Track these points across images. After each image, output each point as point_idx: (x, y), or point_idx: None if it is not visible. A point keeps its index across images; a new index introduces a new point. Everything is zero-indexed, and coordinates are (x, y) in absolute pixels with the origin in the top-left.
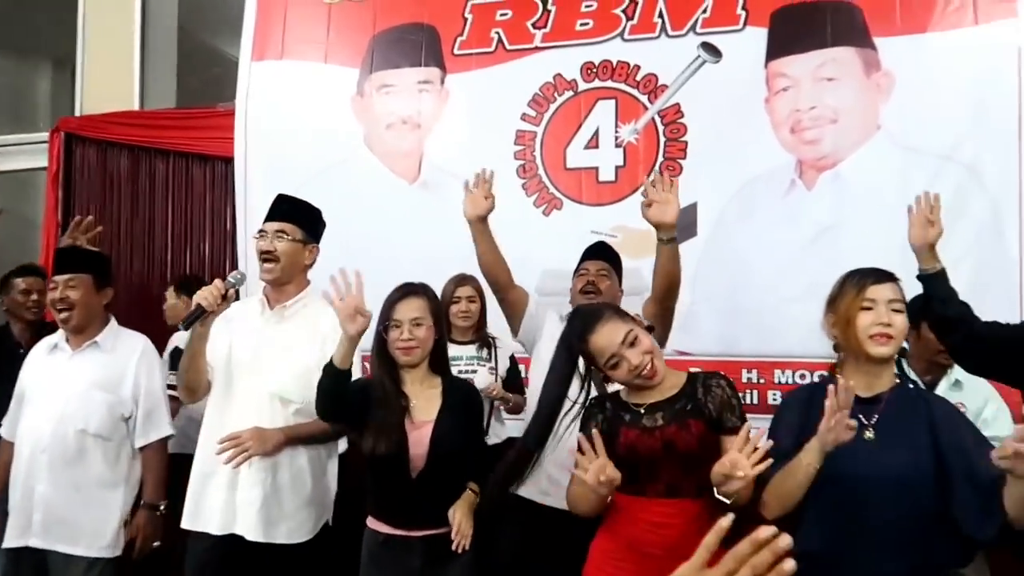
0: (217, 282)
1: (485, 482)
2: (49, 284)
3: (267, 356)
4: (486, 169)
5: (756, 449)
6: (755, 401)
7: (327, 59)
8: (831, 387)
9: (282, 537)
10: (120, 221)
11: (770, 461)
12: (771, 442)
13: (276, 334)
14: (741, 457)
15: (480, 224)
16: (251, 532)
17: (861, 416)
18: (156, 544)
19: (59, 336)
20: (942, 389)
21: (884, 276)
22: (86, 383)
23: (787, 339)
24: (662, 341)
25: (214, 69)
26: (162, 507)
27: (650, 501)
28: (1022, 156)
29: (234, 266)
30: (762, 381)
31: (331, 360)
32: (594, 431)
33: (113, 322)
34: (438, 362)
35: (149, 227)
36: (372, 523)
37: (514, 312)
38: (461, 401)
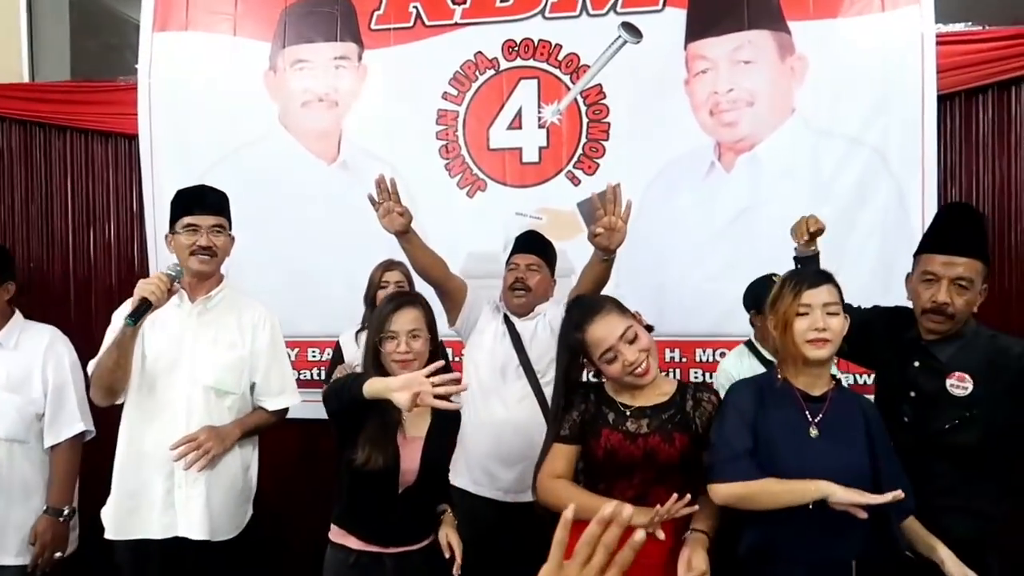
0: (160, 274)
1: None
2: None
3: (195, 350)
4: (384, 176)
5: None
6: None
7: (236, 31)
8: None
9: (222, 534)
10: (14, 203)
11: None
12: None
13: (201, 327)
14: None
15: (403, 235)
16: (196, 531)
17: (808, 413)
18: (58, 555)
19: None
20: None
21: (820, 279)
22: None
23: (707, 318)
24: None
25: (112, 39)
26: (66, 512)
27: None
28: (924, 139)
29: (143, 249)
30: (684, 360)
31: (361, 385)
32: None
33: (17, 316)
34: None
35: (47, 209)
36: (339, 537)
37: (454, 303)
38: (446, 419)
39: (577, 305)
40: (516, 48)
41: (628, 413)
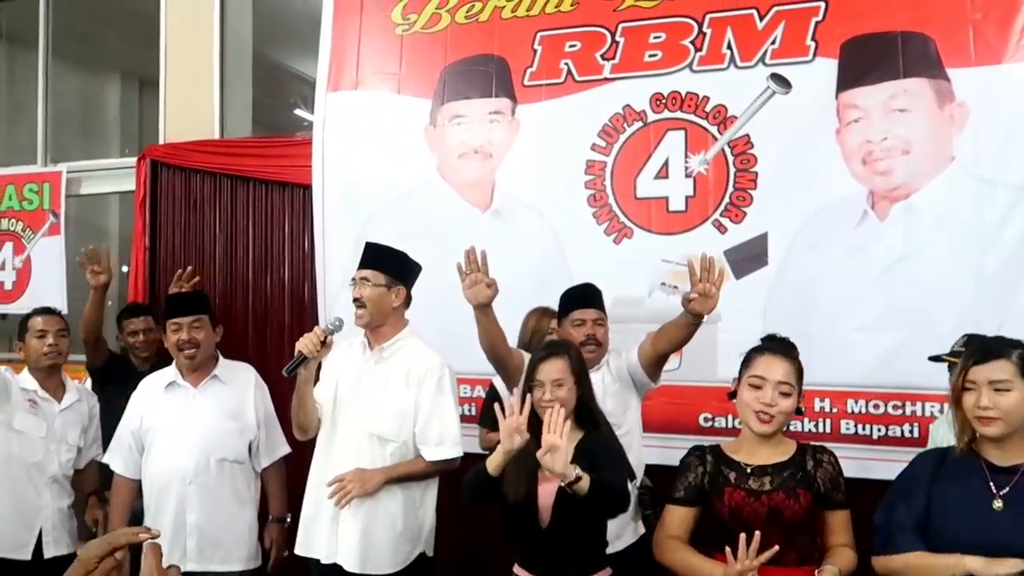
0: (317, 329)
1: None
2: (171, 326)
3: (367, 396)
4: (475, 247)
5: None
6: (828, 430)
7: (400, 90)
8: None
9: (376, 568)
10: (204, 245)
11: None
12: None
13: (375, 375)
14: None
15: (484, 310)
16: (349, 563)
17: (992, 484)
18: (286, 553)
19: (172, 374)
20: None
21: (989, 355)
22: (217, 414)
23: (859, 368)
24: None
25: (290, 98)
26: (288, 519)
27: None
28: None
29: (313, 290)
30: (835, 410)
31: (485, 469)
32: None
33: (221, 356)
34: (582, 417)
35: (231, 251)
36: (517, 570)
37: (510, 375)
38: (595, 456)
39: (779, 339)
40: (664, 100)
41: (749, 471)
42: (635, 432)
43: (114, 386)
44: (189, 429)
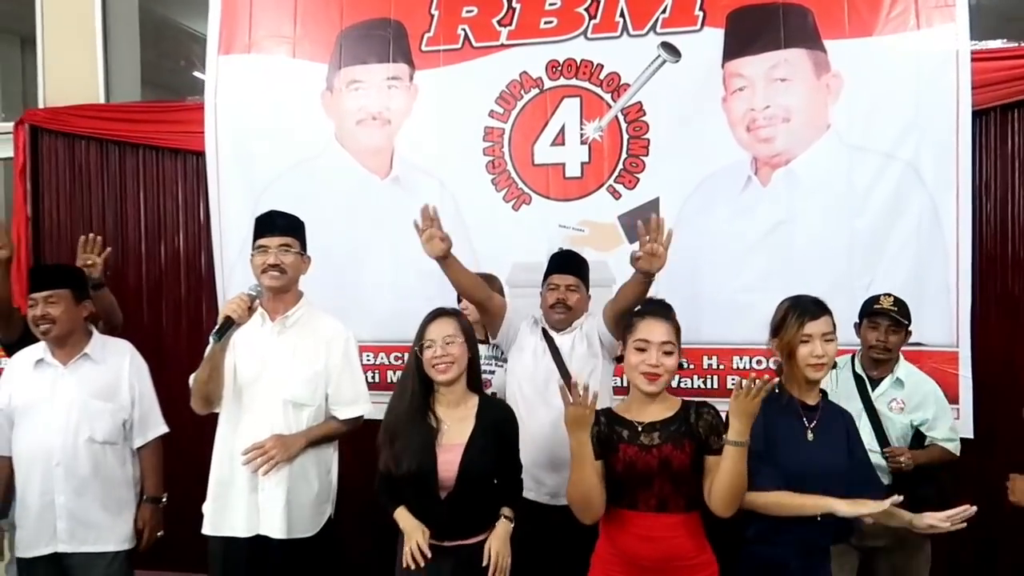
0: (242, 294)
1: (518, 503)
2: (29, 301)
3: (276, 365)
4: (429, 205)
5: None
6: (715, 385)
7: (295, 54)
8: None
9: (301, 532)
10: (91, 214)
11: None
12: None
13: (281, 344)
14: None
15: (444, 260)
16: (275, 530)
17: (805, 419)
18: (160, 534)
19: (42, 351)
20: (885, 385)
21: (820, 311)
22: (86, 394)
23: (744, 326)
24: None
25: (178, 55)
26: (164, 500)
27: (641, 515)
28: (959, 153)
29: (210, 258)
30: (722, 367)
31: (392, 510)
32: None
33: (96, 333)
34: (473, 380)
35: (121, 220)
36: None
37: (493, 319)
38: (494, 423)
39: (656, 302)
40: (559, 68)
41: (640, 428)
42: (603, 393)
43: None
44: (56, 409)
